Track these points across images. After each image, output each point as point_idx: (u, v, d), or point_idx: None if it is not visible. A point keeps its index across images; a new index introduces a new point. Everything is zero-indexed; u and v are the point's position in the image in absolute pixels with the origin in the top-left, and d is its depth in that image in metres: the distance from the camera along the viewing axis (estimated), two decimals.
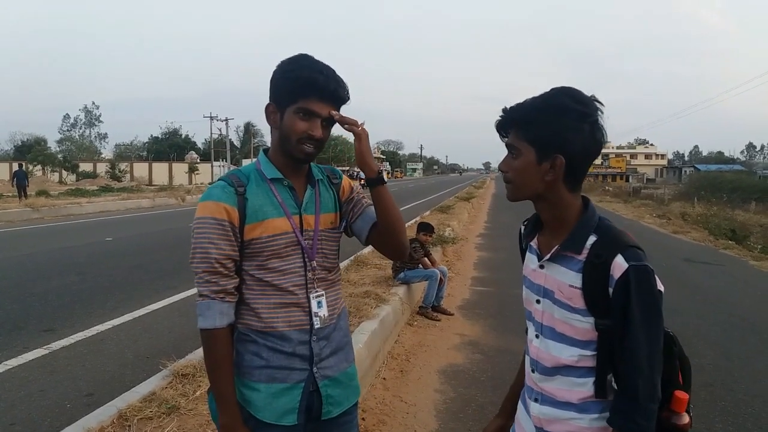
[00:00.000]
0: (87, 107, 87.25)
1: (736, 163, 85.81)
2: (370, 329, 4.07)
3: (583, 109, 1.18)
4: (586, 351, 1.21)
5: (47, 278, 7.18)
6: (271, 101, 1.42)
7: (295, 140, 1.38)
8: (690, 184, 42.04)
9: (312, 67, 1.38)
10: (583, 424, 1.23)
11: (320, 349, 1.45)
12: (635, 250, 1.15)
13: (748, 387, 4.07)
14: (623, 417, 1.15)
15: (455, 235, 11.24)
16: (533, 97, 1.22)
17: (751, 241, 13.19)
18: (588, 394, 1.22)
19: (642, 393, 1.12)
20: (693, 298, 6.97)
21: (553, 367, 1.26)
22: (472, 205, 21.38)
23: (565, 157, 1.18)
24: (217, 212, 1.35)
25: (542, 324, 1.29)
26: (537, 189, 1.22)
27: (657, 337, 1.15)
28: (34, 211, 16.49)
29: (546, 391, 1.28)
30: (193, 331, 4.88)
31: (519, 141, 1.22)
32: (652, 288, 1.14)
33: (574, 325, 1.21)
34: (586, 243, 1.20)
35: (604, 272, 1.15)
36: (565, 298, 1.21)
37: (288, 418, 1.40)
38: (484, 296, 6.82)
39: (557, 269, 1.24)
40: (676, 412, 1.18)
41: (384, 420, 3.34)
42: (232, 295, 1.38)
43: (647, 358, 1.13)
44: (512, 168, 1.24)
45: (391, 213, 1.46)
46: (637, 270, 1.13)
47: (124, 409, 2.91)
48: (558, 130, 1.17)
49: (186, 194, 25.98)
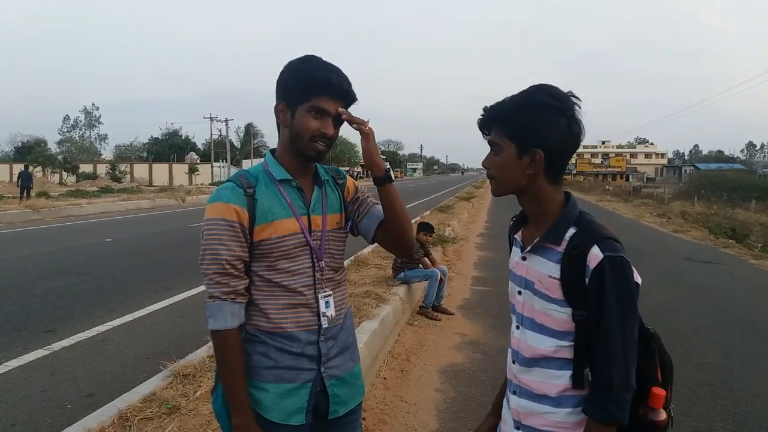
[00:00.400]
0: (87, 108, 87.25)
1: (736, 162, 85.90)
2: (371, 329, 4.07)
3: (560, 105, 1.22)
4: (564, 342, 1.23)
5: (47, 279, 7.18)
6: (281, 100, 1.43)
7: (308, 138, 1.40)
8: (690, 183, 42.05)
9: (324, 66, 1.40)
10: (558, 419, 1.24)
11: (328, 349, 1.45)
12: (611, 242, 1.18)
13: (749, 386, 4.07)
14: (597, 406, 1.17)
15: (455, 234, 11.25)
16: (512, 95, 1.27)
17: (752, 239, 13.19)
18: (565, 386, 1.23)
19: (616, 382, 1.15)
20: (693, 297, 6.94)
21: (531, 357, 1.28)
22: (472, 204, 21.38)
23: (544, 151, 1.22)
24: (227, 213, 1.35)
25: (522, 315, 1.33)
26: (519, 183, 1.27)
27: (631, 327, 1.17)
28: (35, 212, 16.49)
29: (524, 383, 1.31)
30: (193, 332, 4.88)
31: (500, 137, 1.26)
32: (628, 279, 1.17)
33: (553, 315, 1.24)
34: (566, 235, 1.23)
35: (581, 263, 1.18)
36: (545, 289, 1.25)
37: (296, 418, 1.41)
38: (485, 296, 6.82)
39: (538, 260, 1.28)
40: (653, 408, 1.19)
41: (384, 419, 3.34)
42: (242, 296, 1.38)
43: (621, 348, 1.15)
44: (494, 164, 1.28)
45: (399, 210, 1.48)
46: (612, 260, 1.16)
47: (124, 409, 2.91)
48: (536, 126, 1.21)
49: (186, 195, 25.97)
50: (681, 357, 4.63)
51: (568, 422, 1.24)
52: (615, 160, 79.56)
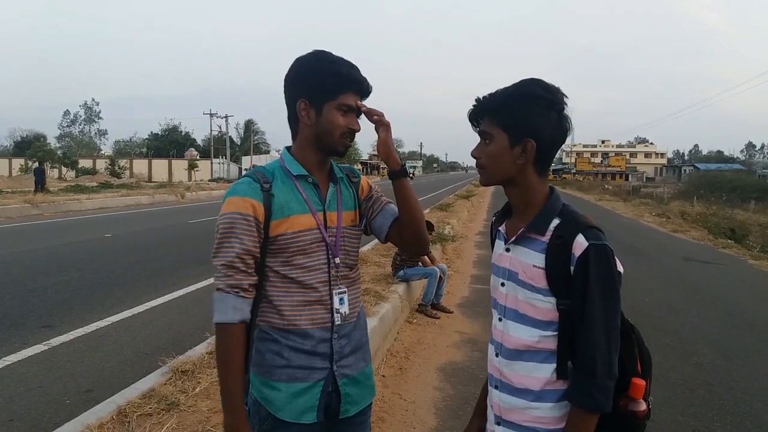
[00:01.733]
0: (87, 104, 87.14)
1: (736, 162, 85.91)
2: (370, 327, 4.06)
3: (552, 98, 1.25)
4: (547, 332, 1.24)
5: (46, 274, 7.18)
6: (302, 98, 1.42)
7: (339, 135, 1.42)
8: (689, 183, 42.08)
9: (344, 62, 1.42)
10: (539, 413, 1.25)
11: (341, 348, 1.45)
12: (595, 231, 1.21)
13: (747, 386, 4.07)
14: (581, 392, 1.18)
15: (455, 233, 11.24)
16: (504, 87, 1.29)
17: (750, 240, 13.18)
18: (547, 379, 1.24)
19: (599, 369, 1.16)
20: (692, 297, 6.95)
21: (515, 349, 1.29)
22: (471, 203, 21.38)
23: (535, 142, 1.24)
24: (243, 207, 1.35)
25: (506, 307, 1.33)
26: (509, 173, 1.28)
27: (614, 314, 1.19)
28: (34, 207, 16.46)
29: (506, 377, 1.31)
30: (193, 328, 4.88)
31: (492, 127, 1.27)
32: (611, 266, 1.19)
33: (536, 305, 1.25)
34: (550, 225, 1.25)
35: (566, 252, 1.20)
36: (528, 278, 1.26)
37: (307, 416, 1.40)
38: (484, 294, 6.81)
39: (522, 251, 1.29)
40: (633, 399, 1.21)
41: (383, 417, 3.35)
42: (247, 291, 1.36)
43: (604, 335, 1.16)
44: (485, 153, 1.30)
45: (414, 204, 1.50)
46: (596, 248, 1.18)
47: (123, 405, 2.91)
48: (529, 116, 1.24)
49: (185, 191, 25.95)
50: (679, 357, 4.64)
51: (550, 417, 1.24)
52: (614, 159, 79.54)
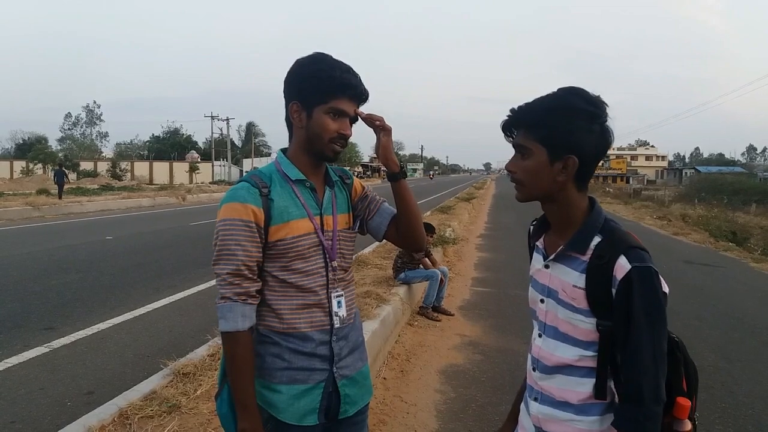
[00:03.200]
0: (89, 106, 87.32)
1: (737, 165, 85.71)
2: (371, 329, 4.07)
3: (594, 110, 1.18)
4: (588, 351, 1.20)
5: (48, 276, 7.18)
6: (295, 100, 1.41)
7: (327, 139, 1.40)
8: (690, 186, 42.05)
9: (340, 66, 1.39)
10: (582, 427, 1.22)
11: (340, 349, 1.46)
12: (639, 251, 1.15)
13: (749, 389, 4.07)
14: (629, 420, 1.13)
15: (456, 235, 11.23)
16: (541, 97, 1.22)
17: (752, 243, 13.19)
18: (587, 394, 1.21)
19: (647, 395, 1.11)
20: (693, 300, 6.97)
21: (553, 366, 1.26)
22: (472, 205, 21.37)
23: (577, 157, 1.18)
24: (244, 214, 1.34)
25: (545, 323, 1.29)
26: (548, 189, 1.22)
27: (660, 338, 1.13)
28: (35, 209, 16.49)
29: (545, 390, 1.28)
30: (194, 330, 4.89)
31: (529, 141, 1.21)
32: (656, 289, 1.13)
33: (577, 325, 1.21)
34: (591, 243, 1.20)
35: (608, 273, 1.15)
36: (569, 298, 1.21)
37: (309, 419, 1.40)
38: (485, 297, 6.81)
39: (561, 269, 1.24)
40: (678, 419, 1.16)
41: (384, 420, 3.34)
42: (253, 297, 1.37)
43: (651, 360, 1.11)
44: (522, 169, 1.23)
45: (412, 204, 1.52)
46: (639, 271, 1.12)
47: (124, 407, 2.91)
48: (570, 131, 1.17)
49: (186, 193, 25.97)
50: None
51: (593, 430, 1.21)
52: (615, 162, 79.53)
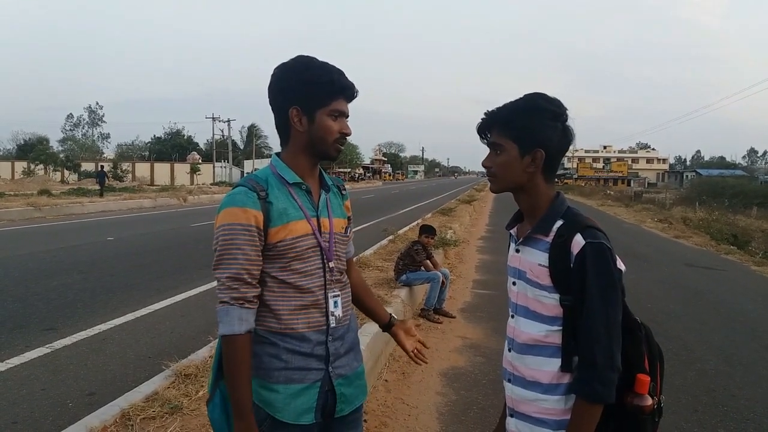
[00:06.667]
0: (91, 107, 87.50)
1: (738, 169, 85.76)
2: (373, 331, 4.06)
3: (556, 110, 1.35)
4: (553, 327, 1.32)
5: (49, 277, 7.19)
6: (293, 105, 1.44)
7: (332, 141, 1.47)
8: (691, 189, 42.00)
9: (334, 69, 1.46)
10: (548, 405, 1.33)
11: (336, 349, 1.48)
12: (593, 230, 1.29)
13: (751, 392, 4.06)
14: (583, 383, 1.25)
15: (457, 237, 11.23)
16: (511, 101, 1.39)
17: (753, 246, 13.17)
18: (555, 372, 1.31)
19: (600, 361, 1.22)
20: (694, 303, 6.94)
21: (524, 343, 1.37)
22: (473, 207, 21.37)
23: (544, 151, 1.33)
24: (244, 218, 1.36)
25: (516, 304, 1.43)
26: (519, 180, 1.38)
27: (613, 308, 1.25)
28: (36, 210, 16.51)
29: (518, 370, 1.39)
30: (195, 331, 4.89)
31: (502, 139, 1.36)
32: (608, 263, 1.26)
33: (543, 301, 1.33)
34: (554, 226, 1.34)
35: (566, 250, 1.29)
36: (535, 277, 1.34)
37: (306, 417, 1.43)
38: (486, 299, 6.81)
39: (529, 251, 1.38)
40: (639, 394, 1.27)
41: (386, 422, 3.35)
42: (251, 302, 1.38)
43: (604, 328, 1.23)
44: (496, 163, 1.39)
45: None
46: (593, 246, 1.26)
47: (126, 408, 2.91)
48: (537, 128, 1.33)
49: (188, 195, 26.00)
50: (683, 363, 4.63)
51: (557, 408, 1.32)
52: (616, 164, 79.63)
